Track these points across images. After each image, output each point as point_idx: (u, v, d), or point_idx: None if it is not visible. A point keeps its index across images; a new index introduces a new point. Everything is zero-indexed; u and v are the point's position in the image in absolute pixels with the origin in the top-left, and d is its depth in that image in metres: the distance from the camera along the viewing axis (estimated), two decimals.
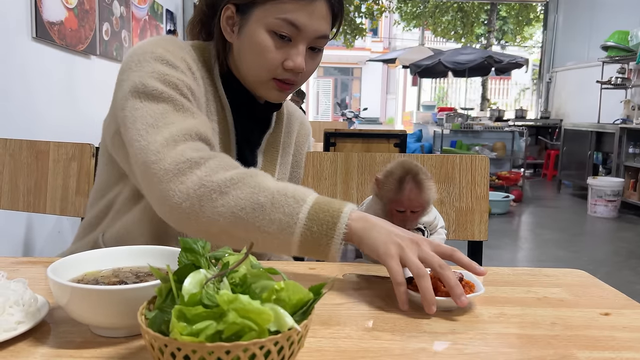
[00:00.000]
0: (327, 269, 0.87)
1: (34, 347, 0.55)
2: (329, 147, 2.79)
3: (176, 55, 0.87)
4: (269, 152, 1.03)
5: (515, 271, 0.87)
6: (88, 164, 1.25)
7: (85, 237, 1.00)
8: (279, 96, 0.94)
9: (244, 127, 0.99)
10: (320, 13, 0.87)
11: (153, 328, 0.45)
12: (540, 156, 8.49)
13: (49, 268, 0.58)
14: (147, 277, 0.63)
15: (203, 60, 0.95)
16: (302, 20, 0.86)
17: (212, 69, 0.96)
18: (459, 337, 0.61)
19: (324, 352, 0.56)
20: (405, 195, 0.88)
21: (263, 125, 1.03)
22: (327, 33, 0.90)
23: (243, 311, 0.43)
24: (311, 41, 0.89)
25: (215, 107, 0.94)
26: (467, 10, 13.38)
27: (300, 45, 0.88)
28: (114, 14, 3.70)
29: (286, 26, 0.86)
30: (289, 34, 0.87)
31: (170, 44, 0.89)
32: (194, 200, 0.73)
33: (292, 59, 0.88)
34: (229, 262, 0.50)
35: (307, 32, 0.87)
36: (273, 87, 0.92)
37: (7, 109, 2.11)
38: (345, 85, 23.72)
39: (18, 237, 2.43)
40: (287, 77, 0.90)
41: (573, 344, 0.59)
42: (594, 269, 3.25)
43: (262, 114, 1.02)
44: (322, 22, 0.88)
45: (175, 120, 0.80)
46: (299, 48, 0.88)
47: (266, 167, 1.01)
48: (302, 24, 0.86)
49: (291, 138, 1.09)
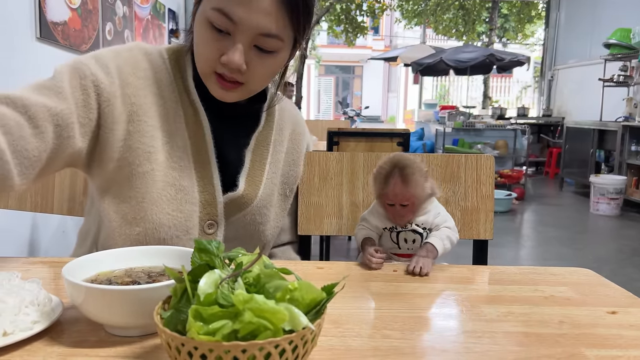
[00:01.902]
0: (335, 268, 0.88)
1: (50, 347, 0.56)
2: (332, 146, 2.79)
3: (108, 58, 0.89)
4: (258, 150, 1.01)
5: (521, 270, 0.88)
6: None
7: (82, 246, 1.00)
8: (223, 93, 0.90)
9: (228, 128, 0.98)
10: (262, 7, 0.80)
11: (169, 327, 0.46)
12: (542, 154, 8.49)
13: (64, 268, 0.59)
14: (160, 277, 0.64)
15: (177, 67, 0.94)
16: (238, 13, 0.80)
17: (184, 71, 0.95)
18: (467, 335, 0.62)
19: (334, 350, 0.57)
20: (391, 189, 0.90)
21: (252, 123, 1.02)
22: (271, 31, 0.83)
23: (258, 311, 0.44)
24: (254, 38, 0.83)
25: (185, 111, 0.93)
26: (469, 8, 13.37)
27: (237, 42, 0.83)
28: (117, 14, 3.71)
29: (221, 18, 0.81)
30: (225, 28, 0.82)
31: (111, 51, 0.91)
32: None
33: (228, 54, 0.83)
34: (243, 262, 0.51)
35: (244, 27, 0.81)
36: (214, 82, 0.89)
37: None
38: (347, 84, 23.71)
39: (23, 237, 2.44)
40: (224, 73, 0.86)
41: (581, 342, 0.60)
42: (598, 267, 3.25)
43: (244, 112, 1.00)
44: (266, 18, 0.81)
45: (30, 89, 0.82)
46: (236, 44, 0.83)
47: (254, 165, 0.99)
48: (238, 17, 0.80)
49: (283, 135, 1.07)
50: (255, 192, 0.98)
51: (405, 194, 0.90)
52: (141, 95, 0.90)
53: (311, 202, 1.21)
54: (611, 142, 5.94)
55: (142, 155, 0.88)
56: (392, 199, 0.91)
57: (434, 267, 0.89)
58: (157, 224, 0.88)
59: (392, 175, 0.90)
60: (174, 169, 0.91)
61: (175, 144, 0.92)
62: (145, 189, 0.88)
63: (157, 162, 0.89)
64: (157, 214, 0.88)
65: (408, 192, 0.90)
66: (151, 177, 0.89)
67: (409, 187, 0.90)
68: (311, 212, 1.20)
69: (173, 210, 0.89)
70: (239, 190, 0.96)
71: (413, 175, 0.90)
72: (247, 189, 0.97)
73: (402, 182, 0.90)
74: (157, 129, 0.91)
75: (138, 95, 0.90)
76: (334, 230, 1.22)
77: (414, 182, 0.90)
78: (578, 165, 6.54)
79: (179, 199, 0.90)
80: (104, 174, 0.89)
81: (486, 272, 0.91)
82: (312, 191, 1.21)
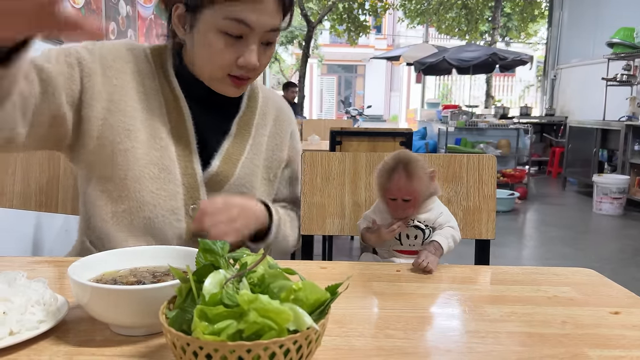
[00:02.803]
0: (338, 268, 0.88)
1: (56, 346, 0.56)
2: (334, 145, 2.79)
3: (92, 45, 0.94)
4: (240, 134, 1.04)
5: (524, 270, 0.88)
6: None
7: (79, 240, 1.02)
8: (236, 91, 0.98)
9: (209, 115, 1.01)
10: (269, 9, 0.88)
11: (174, 327, 0.47)
12: (545, 153, 8.47)
13: (70, 268, 0.59)
14: (164, 276, 0.64)
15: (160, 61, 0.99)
16: (251, 18, 0.87)
17: (166, 64, 0.99)
18: (471, 335, 0.62)
19: (338, 350, 0.57)
20: (394, 183, 0.92)
21: (233, 110, 1.05)
22: (277, 26, 0.91)
23: (263, 311, 0.44)
24: (262, 36, 0.90)
25: (166, 98, 0.97)
26: (472, 7, 13.35)
27: (252, 43, 0.89)
28: (120, 14, 3.71)
29: (236, 26, 0.87)
30: (240, 33, 0.88)
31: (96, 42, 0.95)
32: None
33: (245, 57, 0.90)
34: (247, 262, 0.51)
35: (257, 29, 0.88)
36: (229, 84, 0.95)
37: None
38: (349, 83, 23.71)
39: (27, 236, 2.45)
40: (242, 74, 0.93)
41: (584, 342, 0.60)
42: (600, 267, 3.25)
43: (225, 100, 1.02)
44: (272, 17, 0.89)
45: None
46: (250, 46, 0.89)
47: (234, 147, 1.02)
48: (252, 22, 0.87)
49: (266, 120, 1.09)
50: (232, 171, 1.00)
51: (409, 189, 0.91)
52: (122, 79, 0.94)
53: (314, 202, 1.21)
54: (614, 141, 5.93)
55: (122, 132, 0.92)
56: (395, 193, 0.92)
57: (437, 266, 0.89)
58: (141, 202, 0.92)
59: (396, 169, 0.92)
60: (155, 149, 0.94)
61: (156, 126, 0.95)
62: (127, 165, 0.91)
63: (137, 140, 0.92)
64: (140, 192, 0.92)
65: (411, 186, 0.91)
66: (132, 155, 0.92)
67: (413, 181, 0.91)
68: (314, 212, 1.21)
69: (157, 189, 0.93)
70: (213, 167, 0.98)
71: (417, 170, 0.92)
72: (222, 166, 1.00)
73: (406, 176, 0.91)
74: (138, 110, 0.94)
75: (119, 77, 0.94)
76: (337, 230, 1.23)
77: (418, 178, 0.91)
78: (581, 164, 6.53)
79: (162, 177, 0.93)
80: (87, 156, 0.93)
81: (489, 272, 0.91)
82: (314, 191, 1.22)
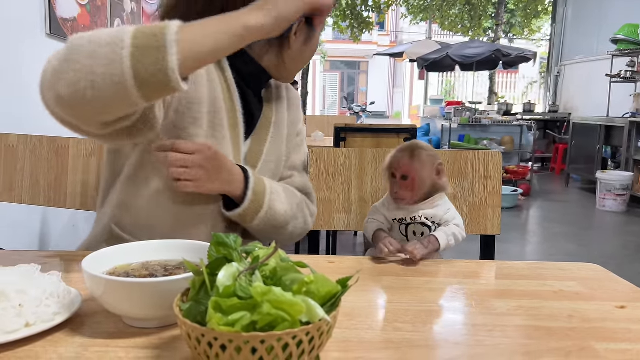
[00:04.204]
0: (346, 263, 0.89)
1: (71, 337, 0.57)
2: (339, 141, 2.80)
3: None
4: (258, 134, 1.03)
5: (530, 265, 0.89)
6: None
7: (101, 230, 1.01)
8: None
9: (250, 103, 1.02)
10: None
11: (189, 319, 0.47)
12: (548, 150, 8.45)
13: (84, 261, 0.60)
14: (176, 269, 0.65)
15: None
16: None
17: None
18: (479, 329, 0.63)
19: (348, 342, 0.58)
20: (396, 158, 0.96)
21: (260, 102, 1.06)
22: None
23: (276, 303, 0.45)
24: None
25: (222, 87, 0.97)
26: (475, 3, 13.28)
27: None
28: (125, 10, 3.72)
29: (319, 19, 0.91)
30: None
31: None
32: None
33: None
34: (260, 255, 0.52)
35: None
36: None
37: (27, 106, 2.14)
38: (352, 79, 23.66)
39: (34, 230, 2.47)
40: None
41: (591, 336, 0.61)
42: (604, 263, 3.24)
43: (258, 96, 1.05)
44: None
45: None
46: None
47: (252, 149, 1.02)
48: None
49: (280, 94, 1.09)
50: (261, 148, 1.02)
51: (409, 166, 0.95)
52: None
53: (320, 197, 1.22)
54: (618, 138, 5.91)
55: (189, 119, 0.92)
56: (395, 168, 0.96)
57: (442, 261, 0.90)
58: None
59: (403, 149, 0.97)
60: (216, 138, 0.94)
61: (217, 116, 0.95)
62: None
63: (201, 127, 0.93)
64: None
65: (412, 164, 0.95)
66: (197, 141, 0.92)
67: (414, 160, 0.95)
68: (320, 208, 1.21)
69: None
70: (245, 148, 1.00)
71: (421, 154, 0.96)
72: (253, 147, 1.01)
73: (409, 155, 0.96)
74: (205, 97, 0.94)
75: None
76: (343, 225, 1.24)
77: (420, 160, 0.95)
78: (584, 161, 6.51)
79: None
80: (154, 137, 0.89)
81: (494, 267, 0.92)
82: (320, 187, 1.23)
